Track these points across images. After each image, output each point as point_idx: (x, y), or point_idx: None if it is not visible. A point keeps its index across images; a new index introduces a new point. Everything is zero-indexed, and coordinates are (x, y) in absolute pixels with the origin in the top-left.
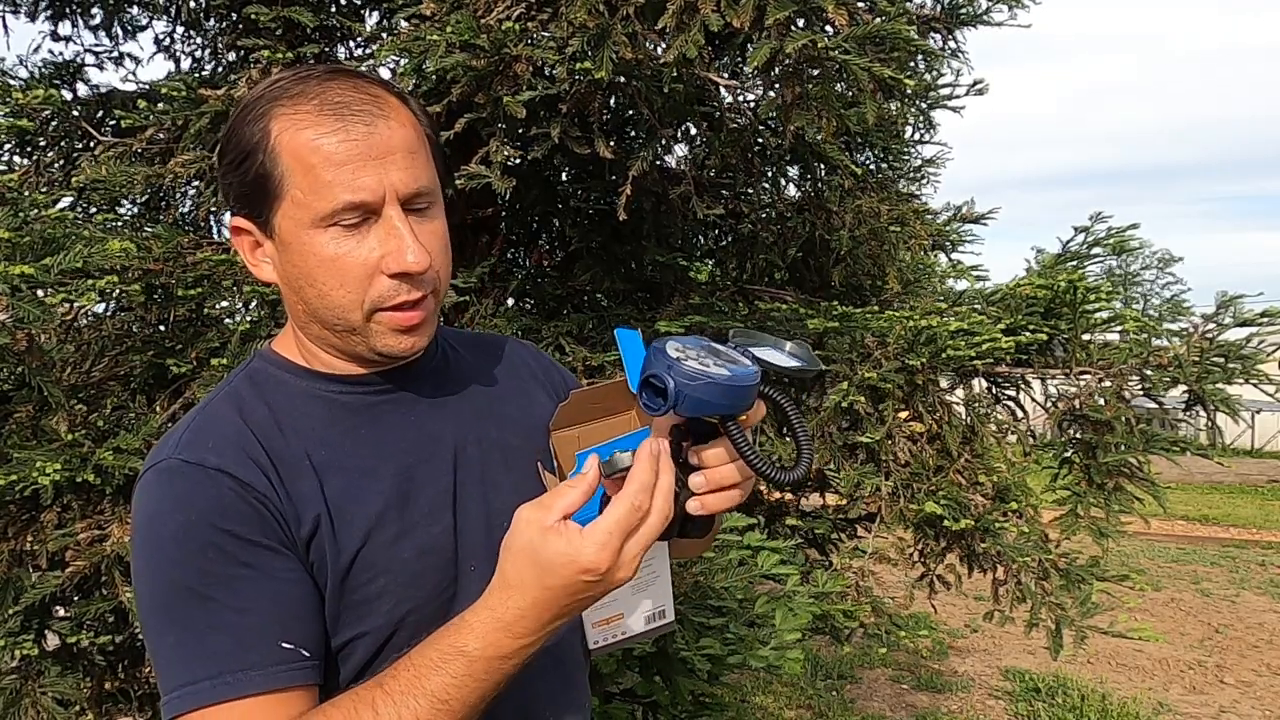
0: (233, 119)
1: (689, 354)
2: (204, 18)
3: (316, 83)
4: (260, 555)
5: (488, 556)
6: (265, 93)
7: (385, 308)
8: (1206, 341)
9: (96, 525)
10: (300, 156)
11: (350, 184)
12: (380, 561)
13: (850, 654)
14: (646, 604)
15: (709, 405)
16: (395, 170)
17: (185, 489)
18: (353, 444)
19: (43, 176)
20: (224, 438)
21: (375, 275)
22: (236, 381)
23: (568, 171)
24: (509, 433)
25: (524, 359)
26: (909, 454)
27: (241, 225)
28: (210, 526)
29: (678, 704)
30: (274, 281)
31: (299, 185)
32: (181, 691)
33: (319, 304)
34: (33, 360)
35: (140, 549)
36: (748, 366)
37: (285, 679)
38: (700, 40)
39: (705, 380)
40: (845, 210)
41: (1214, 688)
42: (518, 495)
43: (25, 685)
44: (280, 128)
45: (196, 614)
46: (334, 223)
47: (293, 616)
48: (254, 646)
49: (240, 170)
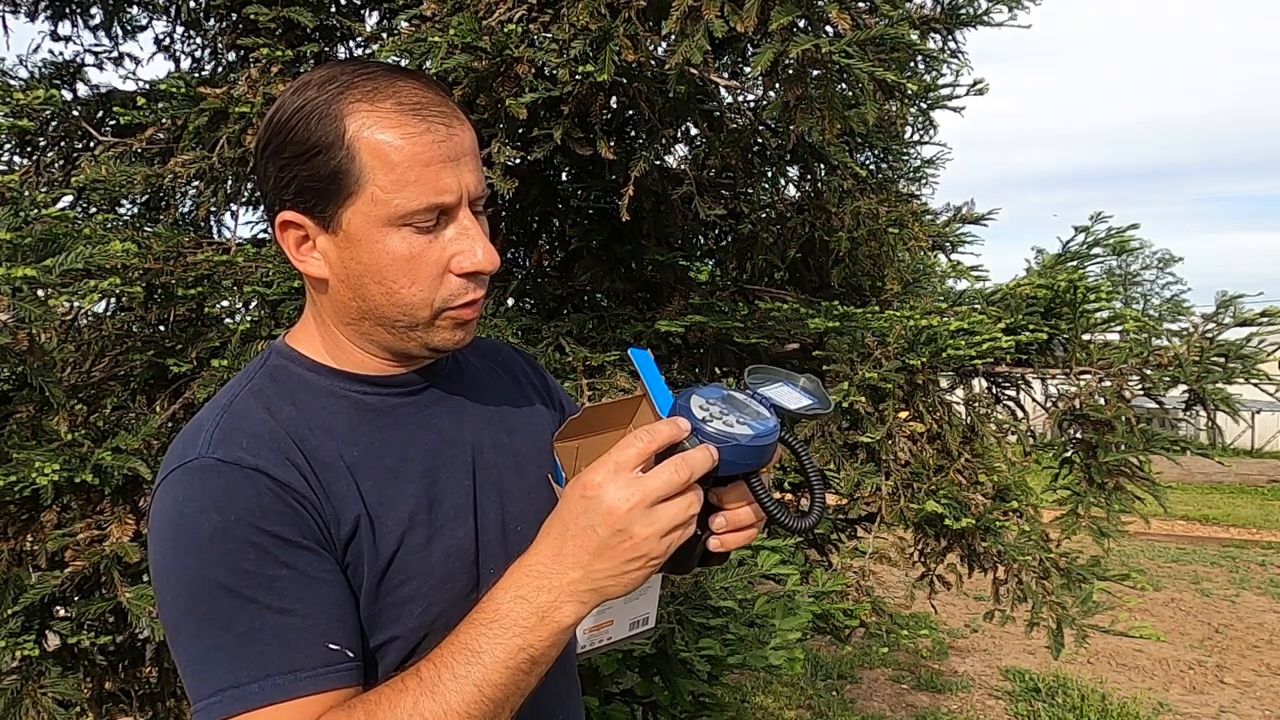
0: (289, 113)
1: (712, 412)
2: (204, 17)
3: (384, 79)
4: (301, 556)
5: (504, 561)
6: (328, 88)
7: (452, 306)
8: (1206, 341)
9: (96, 525)
10: (383, 154)
11: (434, 185)
12: (413, 564)
13: (850, 654)
14: (634, 612)
15: (735, 465)
16: (468, 172)
17: (222, 488)
18: (381, 445)
19: (43, 176)
20: (257, 437)
21: (445, 274)
22: (258, 378)
23: (568, 171)
24: (518, 439)
25: (522, 366)
26: (909, 454)
27: (293, 219)
28: (251, 527)
29: (678, 704)
30: (320, 276)
31: (379, 183)
32: (224, 695)
33: (385, 300)
34: (34, 360)
35: (170, 550)
36: (768, 419)
37: (333, 680)
38: (705, 45)
39: (732, 444)
40: (845, 211)
41: (1214, 688)
42: (530, 501)
43: (26, 686)
44: (359, 124)
45: (238, 616)
46: (409, 222)
47: (335, 618)
48: (300, 648)
49: (310, 164)
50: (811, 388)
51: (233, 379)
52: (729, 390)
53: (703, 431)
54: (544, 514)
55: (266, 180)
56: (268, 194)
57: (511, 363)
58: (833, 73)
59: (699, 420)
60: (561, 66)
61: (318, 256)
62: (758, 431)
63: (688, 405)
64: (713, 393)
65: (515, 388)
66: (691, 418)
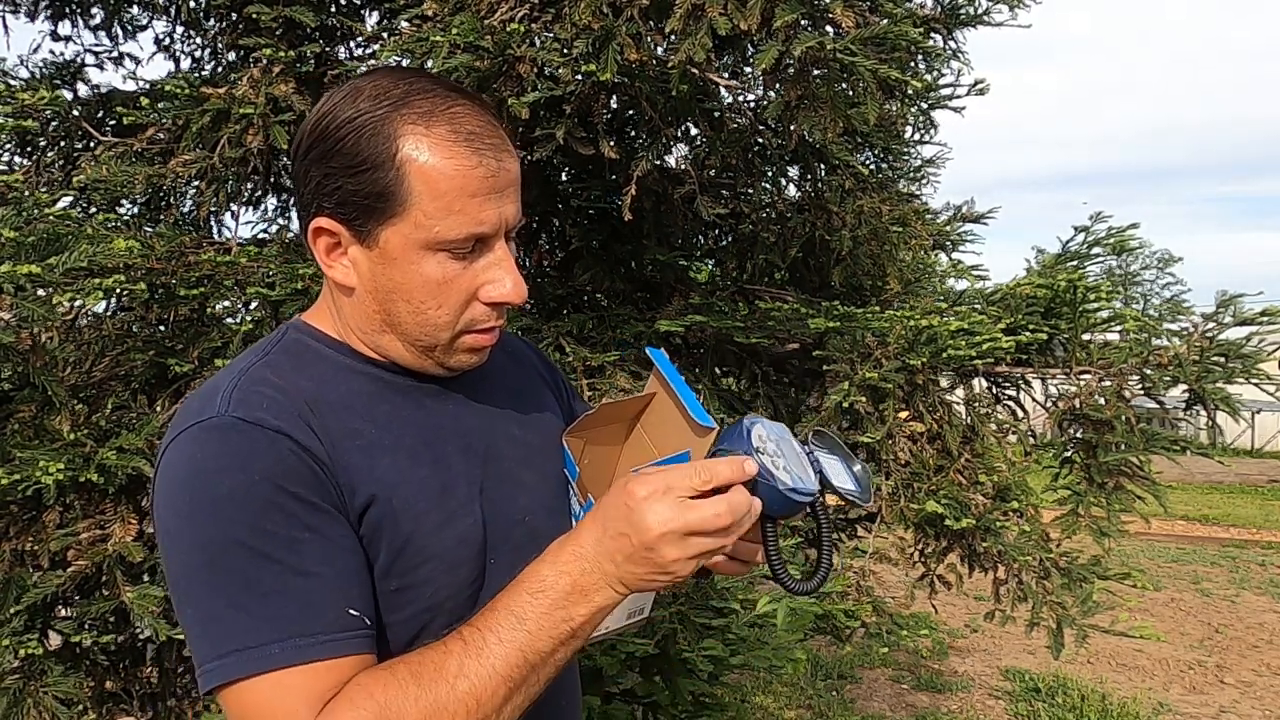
0: (340, 121)
1: (767, 448)
2: (204, 17)
3: (440, 100)
4: (322, 519)
5: (510, 551)
6: (383, 102)
7: (473, 330)
8: (1206, 341)
9: (98, 525)
10: (432, 183)
11: (476, 216)
12: (429, 546)
13: (850, 654)
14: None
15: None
16: (509, 204)
17: (244, 447)
18: (399, 424)
19: (43, 176)
20: (275, 401)
21: (473, 301)
22: (275, 353)
23: (568, 171)
24: (529, 431)
25: (532, 359)
26: (909, 454)
27: (328, 227)
28: (274, 487)
29: (678, 704)
30: (348, 285)
31: (423, 208)
32: (241, 655)
33: (410, 320)
34: (36, 360)
35: (185, 507)
36: (810, 482)
37: (354, 646)
38: (708, 44)
39: (768, 484)
40: (846, 210)
41: (1214, 688)
42: (540, 494)
43: (28, 685)
44: (412, 147)
45: (260, 575)
46: (446, 248)
47: (355, 584)
48: (323, 611)
49: (357, 178)
50: (863, 477)
51: (245, 351)
52: (790, 434)
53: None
54: (554, 507)
55: (307, 183)
56: (304, 195)
57: (522, 356)
58: (835, 71)
59: (754, 448)
60: (564, 66)
61: (347, 265)
62: (797, 486)
63: (749, 430)
64: (775, 429)
65: (528, 382)
66: (746, 443)
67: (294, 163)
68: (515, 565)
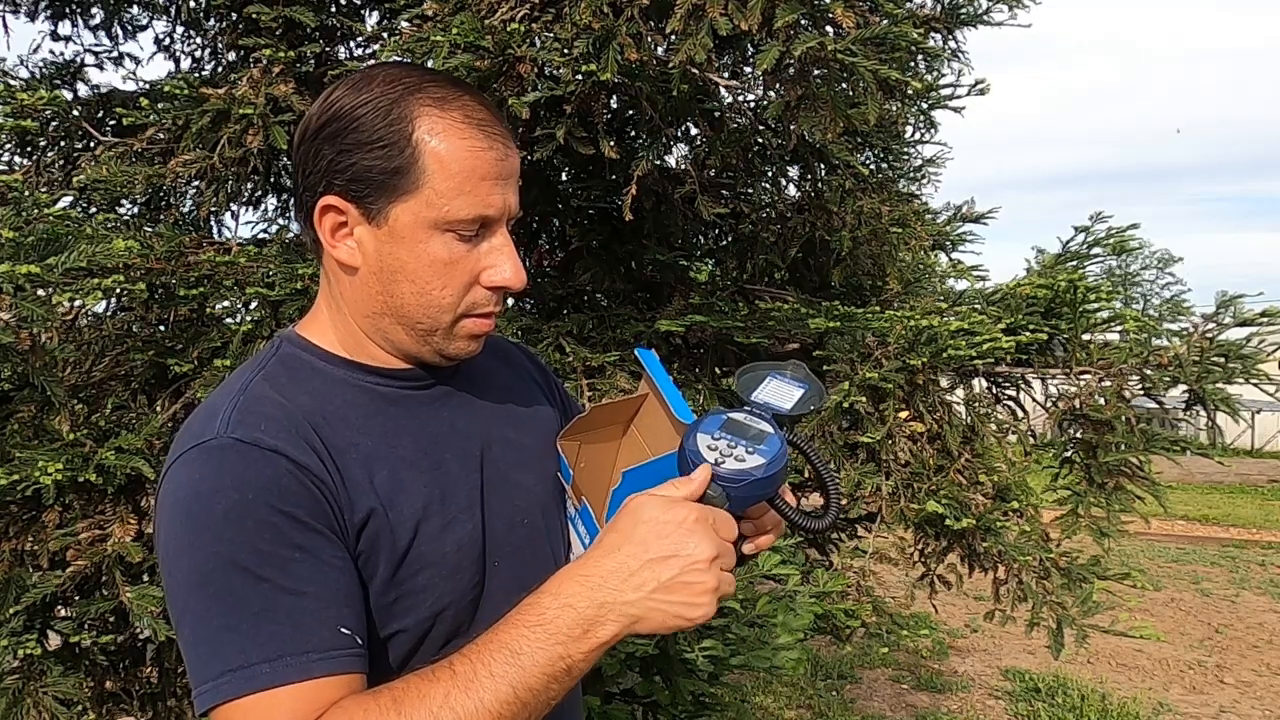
0: (355, 103)
1: (721, 449)
2: (204, 17)
3: (452, 89)
4: (314, 539)
5: (510, 554)
6: (396, 86)
7: (473, 314)
8: (1206, 341)
9: (98, 525)
10: (445, 163)
11: (485, 199)
12: (428, 554)
13: (850, 654)
14: None
15: (756, 498)
16: (512, 193)
17: (240, 467)
18: (394, 435)
19: (43, 176)
20: (274, 419)
21: (474, 284)
22: (271, 366)
23: (568, 171)
24: (525, 434)
25: (524, 362)
26: (909, 454)
27: (336, 204)
28: (268, 506)
29: (678, 704)
30: (351, 264)
31: (436, 187)
32: (233, 675)
33: (414, 300)
34: (36, 360)
35: (182, 527)
36: (773, 439)
37: (344, 664)
38: (709, 44)
39: (749, 481)
40: (846, 210)
41: (1214, 688)
42: (536, 496)
43: (28, 685)
44: (427, 127)
45: (250, 595)
46: (454, 229)
47: (345, 604)
48: (313, 630)
49: (373, 154)
50: (801, 375)
51: (241, 366)
52: (727, 413)
53: (721, 476)
54: (550, 509)
55: (317, 161)
56: (312, 175)
57: (516, 359)
58: (835, 71)
59: (711, 463)
60: (564, 66)
61: (352, 244)
62: (769, 459)
63: (697, 449)
64: (713, 423)
65: (521, 384)
66: (701, 459)
67: (302, 144)
68: (516, 568)
